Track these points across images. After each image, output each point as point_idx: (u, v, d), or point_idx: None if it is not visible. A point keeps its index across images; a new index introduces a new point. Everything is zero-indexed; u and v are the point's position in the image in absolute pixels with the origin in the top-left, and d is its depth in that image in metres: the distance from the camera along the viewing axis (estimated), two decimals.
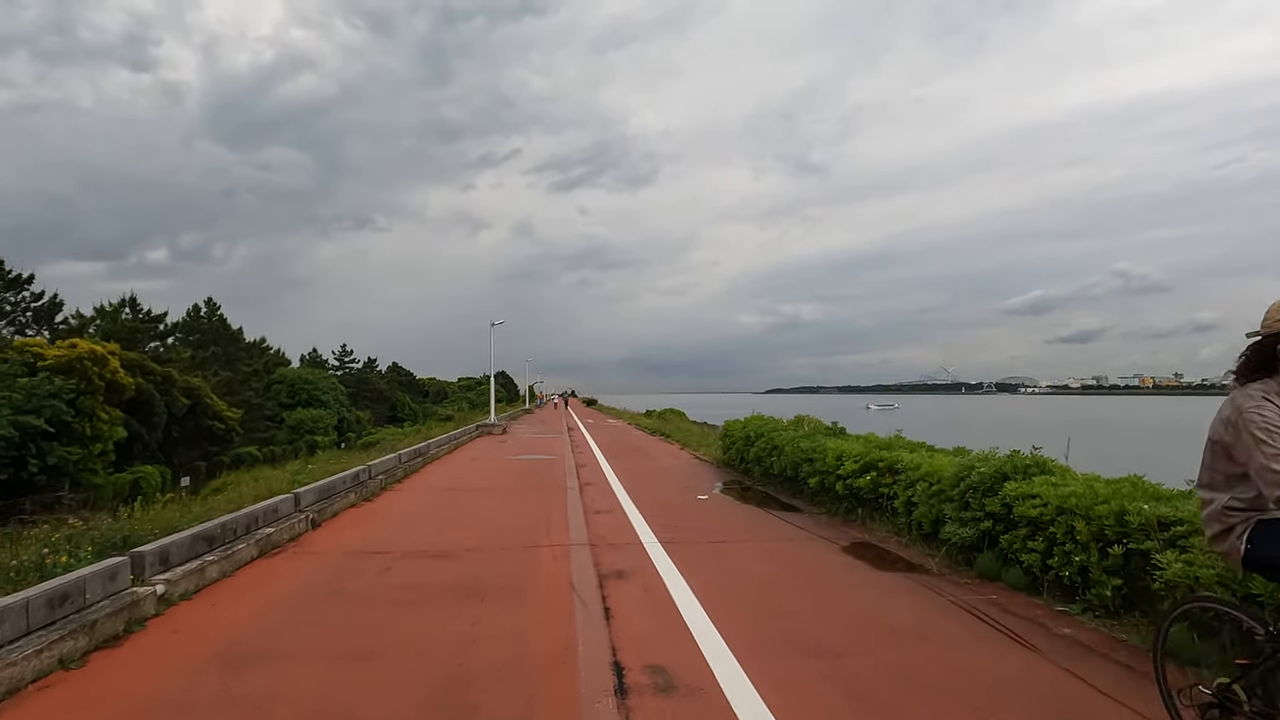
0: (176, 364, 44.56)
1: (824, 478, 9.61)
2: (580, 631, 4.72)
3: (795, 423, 12.77)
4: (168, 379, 36.93)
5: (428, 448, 16.98)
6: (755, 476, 12.86)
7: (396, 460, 13.77)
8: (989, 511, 6.11)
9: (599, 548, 7.32)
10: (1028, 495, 5.76)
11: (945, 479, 6.82)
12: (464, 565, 6.59)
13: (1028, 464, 6.27)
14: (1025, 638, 4.59)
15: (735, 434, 14.38)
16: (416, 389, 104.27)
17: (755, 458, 12.70)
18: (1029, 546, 5.62)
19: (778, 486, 11.67)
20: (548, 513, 9.49)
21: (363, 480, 11.19)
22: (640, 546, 7.38)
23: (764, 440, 12.42)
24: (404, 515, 9.47)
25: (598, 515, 9.34)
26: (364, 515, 9.48)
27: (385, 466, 12.87)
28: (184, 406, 37.80)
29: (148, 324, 44.82)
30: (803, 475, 10.32)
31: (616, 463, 16.22)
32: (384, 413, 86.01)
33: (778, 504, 10.38)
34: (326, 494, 9.56)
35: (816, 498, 10.07)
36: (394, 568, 6.54)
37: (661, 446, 21.18)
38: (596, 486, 12.21)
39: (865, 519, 8.52)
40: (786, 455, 10.96)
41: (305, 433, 61.23)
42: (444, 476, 13.85)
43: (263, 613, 5.19)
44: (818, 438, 10.71)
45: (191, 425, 39.38)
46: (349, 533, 8.27)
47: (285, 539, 7.69)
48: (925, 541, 7.19)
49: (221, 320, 55.30)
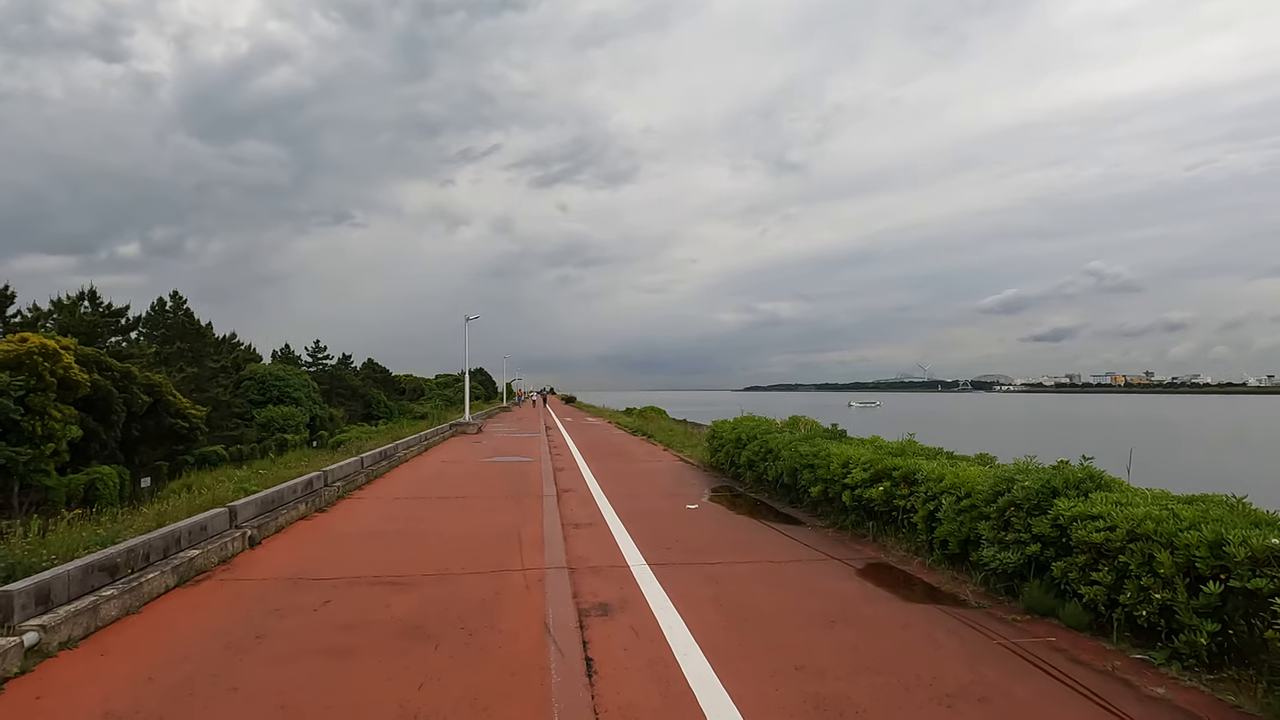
0: (139, 360, 42.80)
1: (828, 486, 8.70)
2: (555, 697, 3.74)
3: (791, 424, 11.87)
4: (127, 375, 35.26)
5: (395, 450, 15.86)
6: (747, 482, 11.94)
7: (358, 464, 12.67)
8: (1037, 534, 5.21)
9: (579, 572, 6.33)
10: (1087, 516, 4.87)
11: (980, 493, 5.91)
12: (418, 597, 5.57)
13: (1080, 478, 5.38)
14: (1113, 703, 3.67)
15: (724, 436, 13.45)
16: (392, 386, 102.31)
17: (747, 462, 11.78)
18: (1091, 578, 4.73)
19: (773, 494, 10.76)
20: (521, 526, 8.49)
21: (316, 489, 10.10)
22: (626, 570, 6.40)
23: (757, 443, 11.50)
24: (358, 530, 8.41)
25: (577, 529, 8.35)
26: (313, 530, 8.41)
27: (345, 472, 11.77)
28: (145, 404, 36.17)
29: (108, 318, 42.96)
30: (802, 483, 9.41)
31: (597, 466, 15.23)
32: (358, 410, 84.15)
33: (775, 514, 9.46)
34: (270, 506, 8.48)
35: (819, 508, 9.16)
36: (335, 600, 5.51)
37: (644, 448, 20.22)
38: (576, 494, 11.22)
39: (878, 535, 7.61)
40: (784, 460, 10.04)
41: (275, 431, 59.49)
42: (409, 482, 12.78)
43: (159, 669, 4.14)
44: (818, 441, 9.80)
45: (153, 424, 37.74)
46: (291, 553, 7.20)
47: (214, 562, 6.61)
48: (952, 564, 6.29)
49: (188, 315, 53.41)
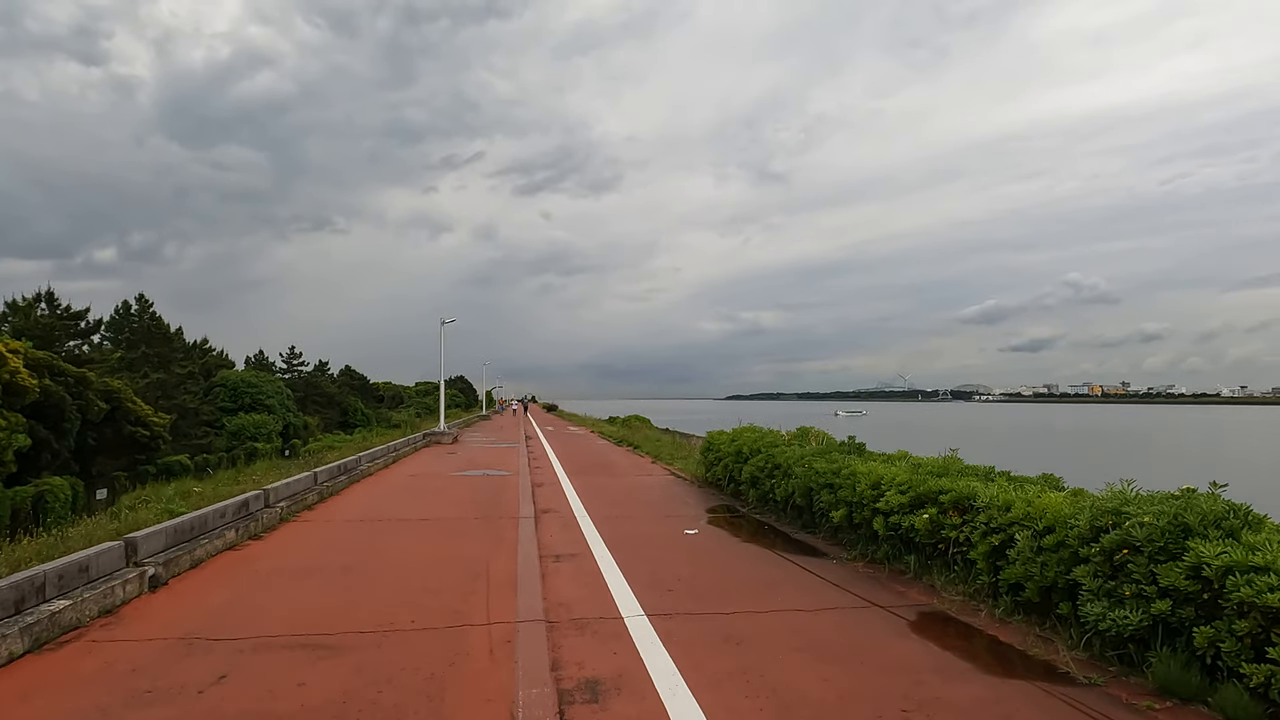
0: (99, 365, 40.80)
1: (853, 511, 7.41)
2: None
3: (800, 436, 10.58)
4: (82, 381, 33.32)
5: (357, 463, 14.37)
6: (750, 502, 10.62)
7: (310, 480, 11.20)
8: (1166, 586, 3.94)
9: (560, 628, 4.96)
10: (1249, 567, 3.60)
11: (1072, 528, 4.63)
12: (347, 670, 4.18)
13: (1220, 513, 4.12)
14: None
15: (722, 449, 12.13)
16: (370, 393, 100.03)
17: (750, 479, 10.47)
18: (1265, 653, 3.45)
19: (782, 516, 9.45)
20: (491, 558, 7.11)
21: (253, 511, 8.65)
22: (620, 625, 5.04)
23: (762, 458, 10.20)
24: (293, 564, 6.98)
25: (558, 563, 6.98)
26: (239, 564, 6.97)
27: (293, 489, 10.31)
28: (101, 411, 34.26)
29: (67, 321, 40.87)
30: (820, 505, 8.11)
31: (580, 481, 13.86)
32: (335, 418, 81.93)
33: (788, 542, 8.15)
34: (188, 535, 7.02)
35: (840, 535, 7.86)
36: (233, 675, 4.10)
37: (630, 460, 18.85)
38: (557, 515, 9.85)
39: (920, 571, 6.32)
40: (797, 479, 8.74)
41: (246, 439, 57.42)
42: (368, 501, 11.32)
43: None
44: (836, 457, 8.52)
45: (111, 432, 35.76)
46: (200, 597, 5.77)
47: (92, 614, 5.17)
48: (1030, 615, 5.01)
49: (154, 318, 51.33)
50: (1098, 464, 33.50)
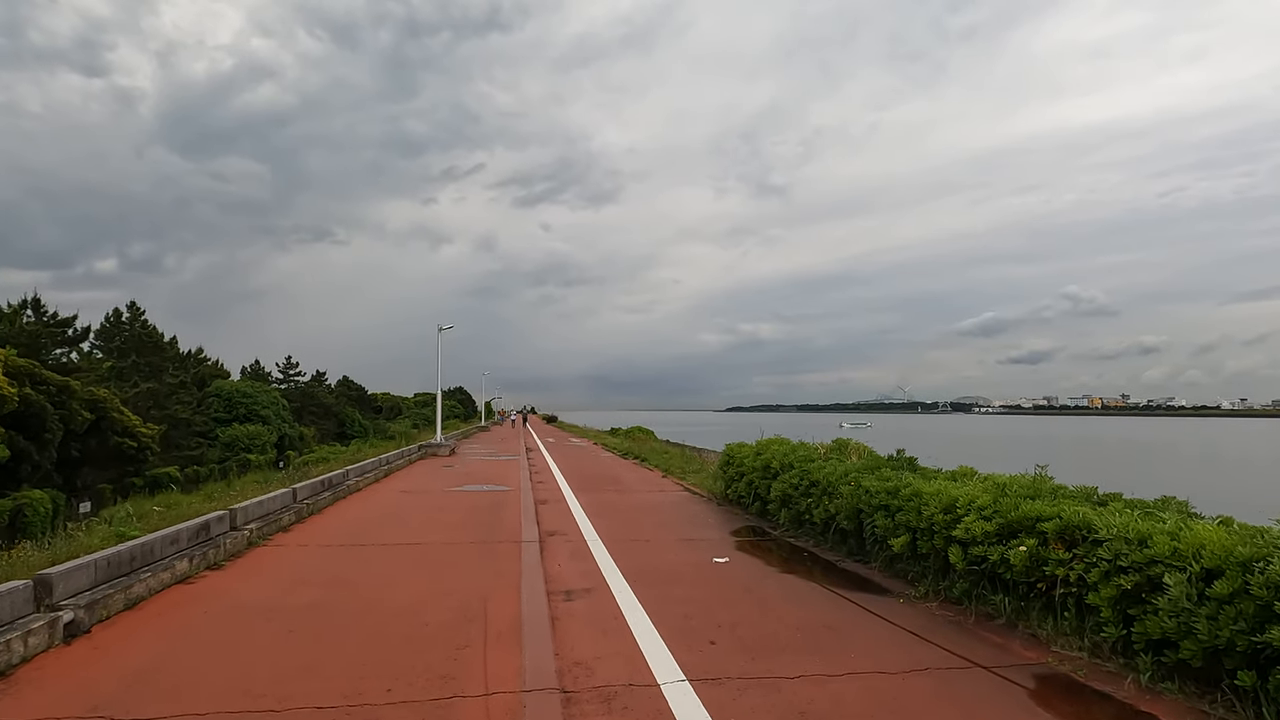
0: (87, 374, 39.63)
1: (919, 538, 6.26)
2: None
3: (837, 449, 9.44)
4: (65, 390, 32.15)
5: (343, 477, 13.20)
6: (781, 523, 9.45)
7: (288, 498, 10.04)
8: None
9: (580, 701, 3.80)
10: None
11: (1267, 577, 3.50)
12: None
13: None
14: None
15: (745, 463, 10.98)
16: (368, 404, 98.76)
17: (781, 497, 9.32)
18: None
19: (820, 540, 8.30)
20: (489, 596, 5.95)
21: (215, 536, 7.48)
22: (658, 697, 3.88)
23: (795, 474, 9.05)
24: (250, 603, 5.81)
25: (569, 602, 5.83)
26: (186, 603, 5.80)
27: (265, 509, 9.14)
28: (86, 422, 33.07)
29: (53, 328, 39.77)
30: (875, 530, 6.96)
31: (587, 497, 12.69)
32: (331, 429, 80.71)
33: (836, 573, 6.99)
34: (126, 569, 5.87)
35: (899, 564, 6.71)
36: None
37: (639, 474, 17.67)
38: (564, 538, 8.69)
39: (1014, 615, 5.17)
40: (843, 498, 7.59)
41: (240, 450, 56.27)
42: (352, 521, 10.15)
43: None
44: (888, 474, 7.38)
45: (96, 443, 34.56)
46: (122, 653, 4.60)
47: None
48: (1185, 681, 3.87)
49: (145, 326, 50.22)
50: (1145, 478, 31.83)
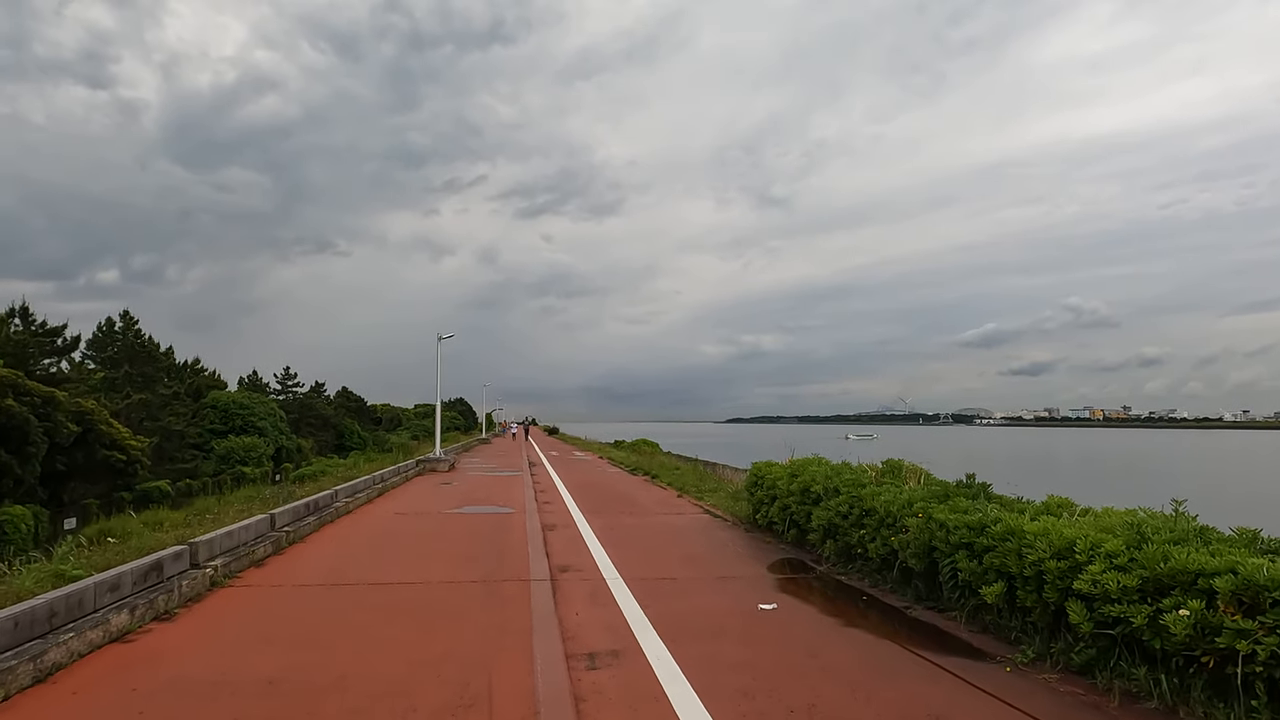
0: (76, 385, 38.47)
1: (1020, 587, 5.09)
2: None
3: (890, 472, 8.27)
4: (50, 401, 31.00)
5: (331, 499, 12.00)
6: (826, 556, 8.26)
7: (266, 524, 8.86)
8: None
9: None
10: None
11: None
12: None
13: None
14: None
15: (778, 485, 9.80)
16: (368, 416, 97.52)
17: (826, 526, 8.14)
18: None
19: (877, 578, 7.12)
20: (493, 663, 4.77)
21: (167, 577, 6.30)
22: None
23: (842, 500, 7.88)
24: (192, 678, 4.61)
25: (595, 671, 4.64)
26: (109, 676, 4.62)
27: (236, 540, 7.96)
28: (72, 434, 31.90)
29: (42, 338, 38.65)
30: (956, 573, 5.80)
31: (600, 521, 11.50)
32: (330, 441, 79.48)
33: (908, 625, 5.81)
34: (41, 628, 4.69)
35: (984, 615, 5.54)
36: None
37: (652, 493, 16.47)
38: (580, 576, 7.51)
39: (1174, 698, 3.99)
40: (910, 533, 6.41)
41: (235, 463, 55.07)
42: (336, 553, 8.97)
43: None
44: (962, 503, 6.21)
45: (82, 456, 33.39)
46: None
47: None
48: None
49: (138, 336, 49.14)
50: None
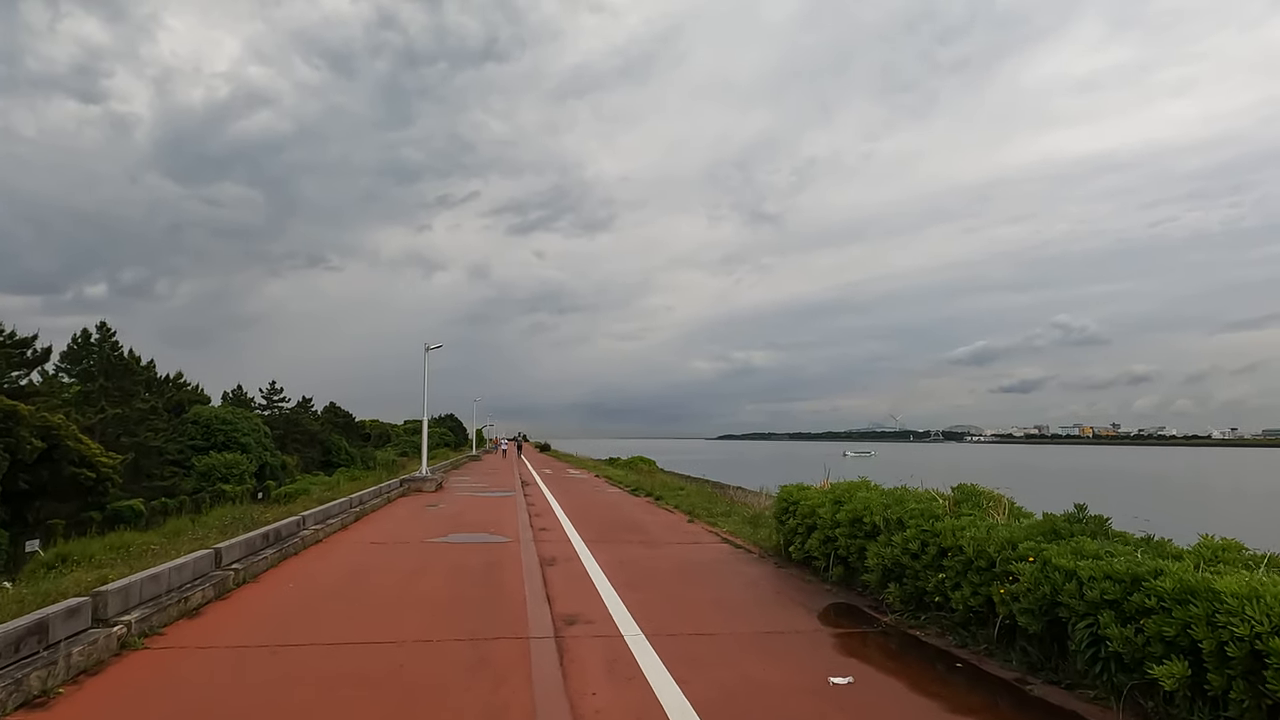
0: (47, 398, 36.64)
1: (1225, 671, 3.65)
2: None
3: (967, 499, 6.82)
4: (12, 415, 29.24)
5: (298, 526, 10.44)
6: (888, 601, 6.79)
7: (210, 561, 7.32)
8: None
9: None
10: None
11: None
12: None
13: None
14: None
15: (818, 514, 8.34)
16: (356, 431, 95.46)
17: (888, 566, 6.69)
18: None
19: (961, 634, 5.67)
20: None
21: (54, 643, 4.78)
22: None
23: (910, 535, 6.43)
24: None
25: None
26: None
27: (166, 584, 6.43)
28: (36, 450, 30.11)
29: (10, 349, 36.80)
30: (1102, 642, 4.35)
31: (607, 554, 10.00)
32: (316, 457, 77.47)
33: (1033, 709, 4.36)
34: None
35: (1150, 699, 4.10)
36: None
37: (658, 517, 14.96)
38: (592, 631, 6.02)
39: None
40: (1024, 583, 4.96)
41: (216, 480, 53.20)
42: (293, 597, 7.44)
43: None
44: (1086, 543, 4.78)
45: (48, 474, 31.57)
46: None
47: None
48: None
49: (115, 348, 47.33)
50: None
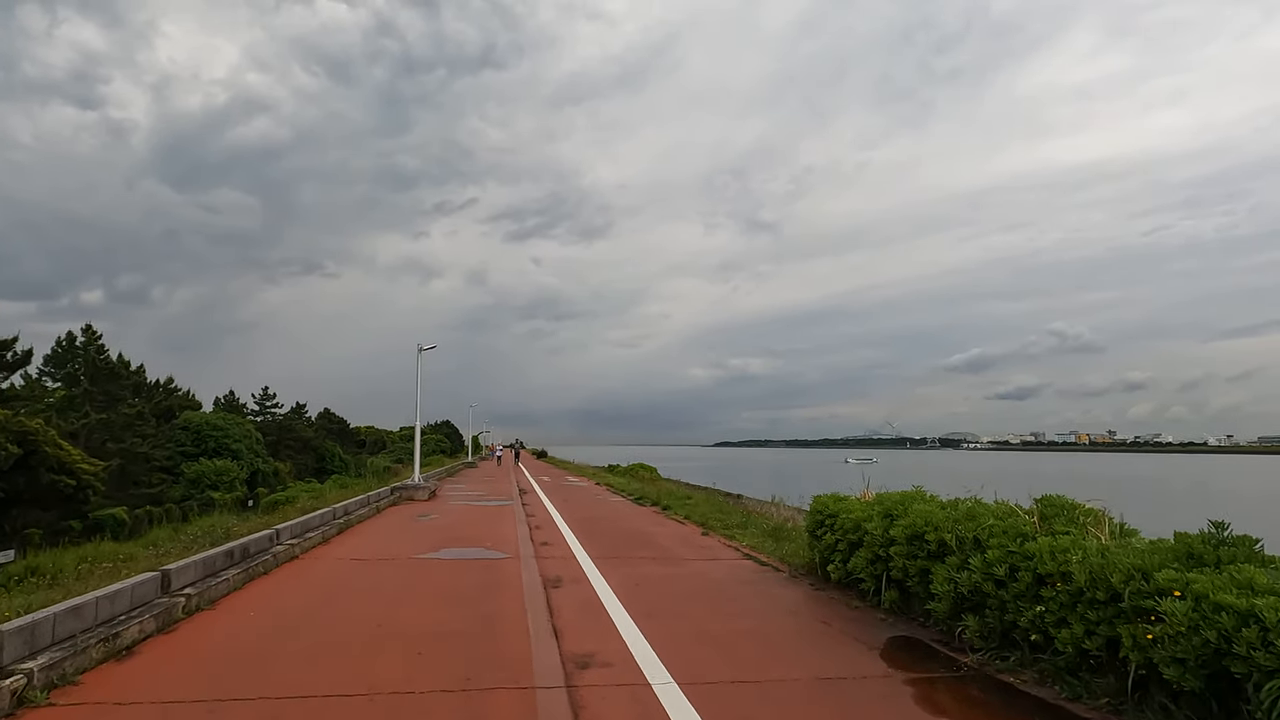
0: (26, 402, 35.40)
1: None
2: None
3: (1058, 514, 5.69)
4: None
5: (270, 541, 9.26)
6: (965, 637, 5.66)
7: (156, 586, 6.16)
8: None
9: None
10: None
11: None
12: None
13: None
14: None
15: (865, 529, 7.22)
16: (350, 438, 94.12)
17: (967, 593, 5.57)
18: None
19: (1070, 679, 4.55)
20: None
21: None
22: None
23: (993, 555, 5.31)
24: None
25: None
26: None
27: (89, 619, 5.27)
28: (11, 456, 28.85)
29: None
30: None
31: (619, 573, 8.85)
32: (310, 464, 76.13)
33: None
34: None
35: None
36: None
37: (669, 529, 13.80)
38: (612, 677, 4.88)
39: None
40: (1172, 625, 3.85)
41: (205, 487, 51.88)
42: (250, 632, 6.28)
43: None
44: (1255, 575, 3.68)
45: (25, 481, 30.29)
46: None
47: None
48: None
49: (100, 352, 46.05)
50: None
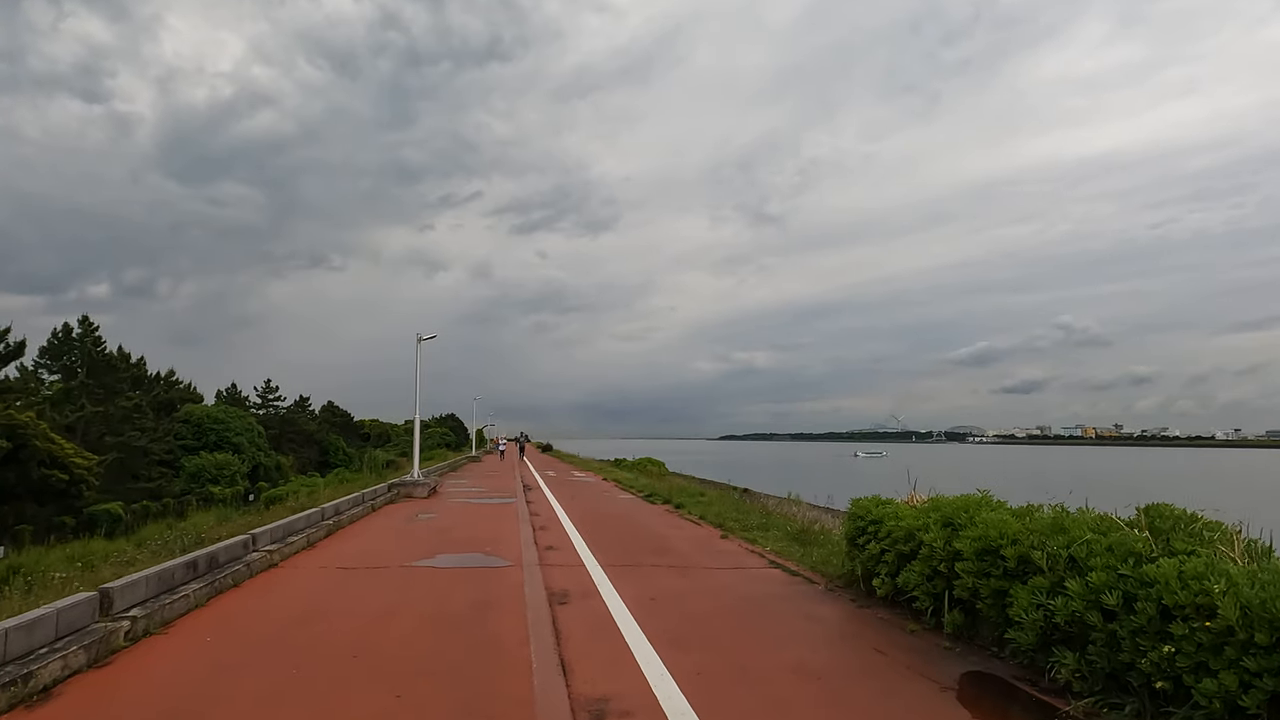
0: (19, 395, 34.63)
1: None
2: None
3: (1173, 527, 4.69)
4: None
5: (245, 548, 8.32)
6: (1060, 675, 4.67)
7: (89, 610, 5.21)
8: None
9: None
10: None
11: None
12: None
13: None
14: None
15: (920, 539, 6.24)
16: (354, 431, 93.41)
17: (1065, 623, 4.58)
18: None
19: None
20: None
21: None
22: None
23: (1098, 577, 4.32)
24: None
25: None
26: None
27: (13, 650, 4.34)
28: (1, 451, 28.02)
29: None
30: None
31: (634, 586, 7.89)
32: (313, 458, 75.49)
33: None
34: None
35: None
36: None
37: (683, 529, 12.83)
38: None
39: None
40: None
41: (206, 481, 51.16)
42: (201, 664, 5.33)
43: None
44: None
45: (15, 476, 29.48)
46: None
47: None
48: None
49: (97, 344, 45.24)
50: None
